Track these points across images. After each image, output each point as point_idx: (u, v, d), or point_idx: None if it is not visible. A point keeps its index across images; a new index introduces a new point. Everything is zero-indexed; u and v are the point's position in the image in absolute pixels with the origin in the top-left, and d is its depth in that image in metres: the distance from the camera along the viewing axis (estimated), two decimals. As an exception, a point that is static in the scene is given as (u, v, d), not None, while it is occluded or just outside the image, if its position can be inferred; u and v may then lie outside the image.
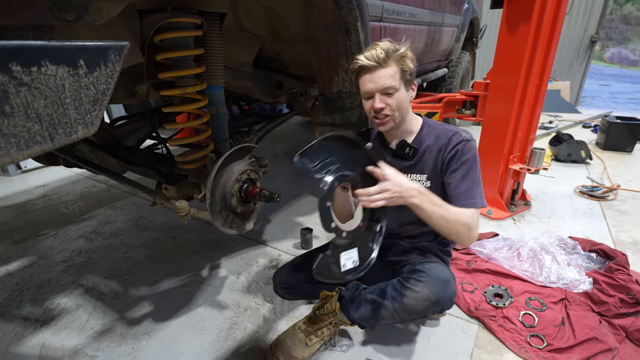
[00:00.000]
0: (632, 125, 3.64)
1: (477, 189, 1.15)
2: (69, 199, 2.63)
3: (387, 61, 1.10)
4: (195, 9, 1.18)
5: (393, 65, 1.11)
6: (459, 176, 1.15)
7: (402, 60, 1.12)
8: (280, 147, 3.86)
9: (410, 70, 1.14)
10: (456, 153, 1.15)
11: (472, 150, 1.15)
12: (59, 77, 0.52)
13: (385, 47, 1.11)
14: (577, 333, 1.31)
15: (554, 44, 1.98)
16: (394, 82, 1.11)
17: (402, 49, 1.13)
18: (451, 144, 1.16)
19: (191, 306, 1.53)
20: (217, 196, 1.22)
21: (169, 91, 1.21)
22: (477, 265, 1.70)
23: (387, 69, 1.11)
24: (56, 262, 1.85)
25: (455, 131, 1.18)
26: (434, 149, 1.19)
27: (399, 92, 1.13)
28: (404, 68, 1.12)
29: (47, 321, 1.46)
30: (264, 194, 1.26)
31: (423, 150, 1.21)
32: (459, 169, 1.15)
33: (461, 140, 1.15)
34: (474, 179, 1.15)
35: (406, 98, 1.17)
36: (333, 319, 1.25)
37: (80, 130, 0.58)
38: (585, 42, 6.23)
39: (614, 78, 12.54)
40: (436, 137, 1.20)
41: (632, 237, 2.05)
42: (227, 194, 1.25)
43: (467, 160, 1.14)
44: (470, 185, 1.14)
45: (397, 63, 1.11)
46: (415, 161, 1.22)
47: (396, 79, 1.12)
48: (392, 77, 1.11)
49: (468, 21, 3.38)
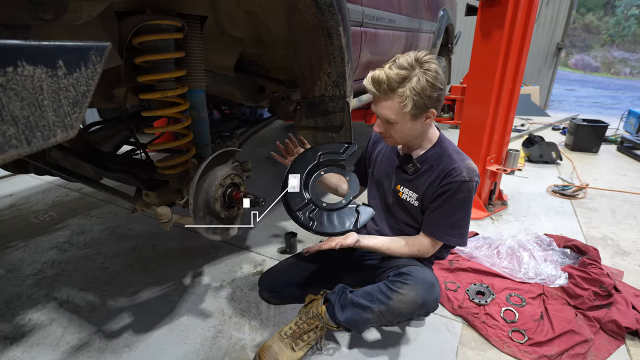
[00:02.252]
0: (597, 127, 3.85)
1: (454, 229, 1.15)
2: (40, 209, 2.50)
3: (388, 94, 1.01)
4: (175, 11, 1.16)
5: (395, 99, 1.01)
6: (441, 212, 1.16)
7: (412, 94, 0.98)
8: (262, 152, 3.84)
9: (423, 104, 1.01)
10: (447, 190, 1.12)
11: (465, 192, 1.11)
12: (37, 78, 0.49)
13: (392, 77, 0.98)
14: (555, 326, 1.36)
15: (526, 49, 2.08)
16: (393, 116, 1.04)
17: (415, 81, 0.97)
18: (446, 179, 1.12)
19: (173, 316, 1.48)
20: (200, 201, 1.20)
21: (148, 95, 1.18)
22: (459, 264, 1.74)
23: (388, 101, 1.03)
24: (26, 275, 1.75)
25: (458, 166, 1.12)
26: (432, 175, 1.16)
27: (399, 125, 1.07)
28: (413, 105, 1.00)
29: (17, 338, 1.38)
30: (249, 197, 1.25)
31: (424, 170, 1.19)
32: (442, 207, 1.15)
33: (457, 180, 1.10)
34: (456, 219, 1.14)
35: (411, 127, 1.09)
36: (319, 322, 1.24)
37: (59, 134, 0.55)
38: (552, 49, 6.57)
39: (578, 83, 13.25)
40: (440, 163, 1.16)
41: (601, 232, 2.16)
42: (210, 199, 1.23)
43: (456, 200, 1.12)
44: (449, 222, 1.15)
45: (401, 97, 1.00)
46: (414, 178, 1.22)
47: (397, 113, 1.03)
48: (392, 111, 1.04)
49: (444, 28, 3.48)
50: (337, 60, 1.42)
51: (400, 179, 1.27)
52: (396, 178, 1.28)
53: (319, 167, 1.30)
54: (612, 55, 20.65)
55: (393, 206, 1.31)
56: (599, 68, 19.67)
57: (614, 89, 11.82)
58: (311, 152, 1.31)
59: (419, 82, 0.99)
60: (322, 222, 1.21)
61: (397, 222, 1.31)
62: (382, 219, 1.37)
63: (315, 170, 1.30)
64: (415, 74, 1.00)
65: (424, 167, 1.20)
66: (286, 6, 1.34)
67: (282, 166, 1.38)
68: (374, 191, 1.41)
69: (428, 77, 1.00)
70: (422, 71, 1.00)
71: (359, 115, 2.50)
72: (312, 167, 1.28)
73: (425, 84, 0.99)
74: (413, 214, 1.25)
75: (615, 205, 2.55)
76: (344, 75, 1.45)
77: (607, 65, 19.88)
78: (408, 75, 0.99)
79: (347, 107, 1.55)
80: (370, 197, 1.45)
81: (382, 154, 1.38)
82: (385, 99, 1.04)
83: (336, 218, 1.22)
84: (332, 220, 1.22)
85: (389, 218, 1.34)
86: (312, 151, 1.31)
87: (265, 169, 3.32)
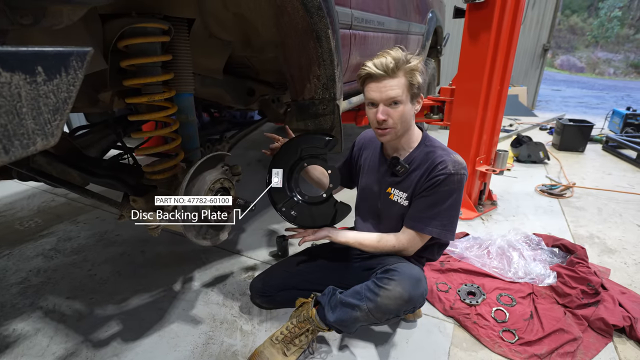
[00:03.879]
0: (583, 127, 3.92)
1: (436, 220, 1.16)
2: (24, 215, 2.44)
3: (396, 72, 1.09)
4: (161, 14, 1.14)
5: (401, 77, 1.10)
6: (424, 203, 1.17)
7: (412, 73, 1.10)
8: (253, 154, 3.81)
9: (419, 84, 1.12)
10: (434, 184, 1.14)
11: (451, 185, 1.13)
12: (14, 85, 0.48)
13: (396, 57, 1.09)
14: (544, 325, 1.38)
15: (513, 51, 2.10)
16: (401, 94, 1.10)
17: (413, 61, 1.10)
18: (433, 173, 1.15)
19: (163, 323, 1.46)
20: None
21: (135, 99, 1.16)
22: (450, 265, 1.75)
23: (395, 80, 1.10)
24: (10, 284, 1.71)
25: (443, 160, 1.15)
26: (419, 172, 1.19)
27: (404, 105, 1.12)
28: (413, 81, 1.10)
29: (1, 349, 1.34)
30: (239, 202, 1.24)
31: (412, 169, 1.21)
32: (428, 197, 1.16)
33: (444, 173, 1.13)
34: (439, 210, 1.15)
35: (410, 111, 1.15)
36: (310, 325, 1.24)
37: (39, 142, 0.54)
38: (539, 50, 6.68)
39: (564, 83, 13.51)
40: (426, 160, 1.19)
41: (588, 231, 2.20)
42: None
43: (441, 192, 1.14)
44: (430, 213, 1.16)
45: (407, 75, 1.10)
46: (402, 179, 1.24)
47: (403, 91, 1.10)
48: (399, 89, 1.10)
49: (432, 30, 3.51)
50: (327, 62, 1.42)
51: (391, 182, 1.28)
52: (386, 182, 1.29)
53: (301, 160, 1.32)
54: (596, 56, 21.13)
55: (383, 211, 1.31)
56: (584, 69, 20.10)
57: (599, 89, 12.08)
58: (293, 146, 1.33)
59: (417, 63, 1.11)
60: (302, 215, 1.29)
61: (387, 227, 1.31)
62: (372, 226, 1.37)
63: (297, 164, 1.32)
64: (408, 57, 1.12)
65: (412, 167, 1.21)
66: (275, 9, 1.34)
67: (273, 169, 1.37)
68: (363, 199, 1.42)
69: (419, 62, 1.13)
70: (411, 56, 1.13)
71: (349, 117, 2.50)
72: (294, 162, 1.31)
73: (420, 66, 1.12)
74: (403, 215, 1.26)
75: (602, 204, 2.60)
76: (334, 78, 1.45)
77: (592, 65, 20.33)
78: (406, 58, 1.11)
79: (337, 110, 1.55)
80: (359, 204, 1.45)
81: (369, 161, 1.38)
82: (392, 77, 1.10)
83: (315, 212, 1.29)
84: (312, 213, 1.29)
85: (379, 225, 1.34)
86: (294, 144, 1.33)
87: (257, 171, 3.30)
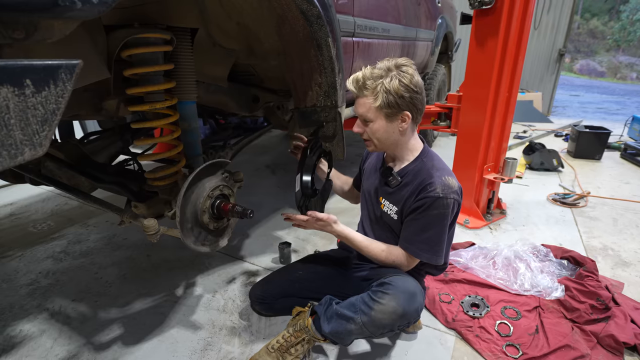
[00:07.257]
0: (600, 134, 3.80)
1: (425, 245, 1.15)
2: (38, 218, 2.52)
3: (363, 91, 1.08)
4: (164, 24, 1.17)
5: (369, 97, 1.08)
6: (416, 226, 1.16)
7: (383, 94, 1.05)
8: (262, 160, 3.84)
9: (395, 103, 1.06)
10: (422, 205, 1.12)
11: (439, 209, 1.10)
12: (2, 97, 0.49)
13: (367, 75, 1.06)
14: (550, 341, 1.33)
15: (521, 57, 2.06)
16: (368, 114, 1.10)
17: (387, 80, 1.04)
18: (422, 194, 1.12)
19: (163, 328, 1.47)
20: (187, 213, 1.20)
21: (137, 107, 1.19)
22: (454, 275, 1.72)
23: (363, 98, 1.09)
24: (20, 285, 1.76)
25: (433, 182, 1.11)
26: (410, 188, 1.17)
27: (374, 123, 1.11)
28: (384, 101, 1.06)
29: (7, 349, 1.37)
30: (237, 209, 1.24)
31: (404, 184, 1.19)
32: (417, 221, 1.15)
33: (431, 196, 1.10)
34: (428, 236, 1.14)
35: (388, 128, 1.12)
36: (306, 335, 1.22)
37: (27, 152, 0.55)
38: (554, 55, 6.53)
39: (583, 88, 13.14)
40: (418, 177, 1.16)
41: (602, 242, 2.12)
42: (198, 210, 1.22)
43: (431, 216, 1.12)
44: (421, 238, 1.15)
45: (375, 95, 1.06)
46: (394, 191, 1.22)
47: (371, 111, 1.09)
48: (365, 107, 1.10)
49: (442, 36, 3.49)
50: (328, 70, 1.42)
51: (383, 191, 1.27)
52: (380, 190, 1.28)
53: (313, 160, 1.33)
54: (617, 60, 20.50)
55: (379, 218, 1.30)
56: (605, 73, 19.52)
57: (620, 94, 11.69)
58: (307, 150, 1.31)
59: (392, 82, 1.04)
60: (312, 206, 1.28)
61: (383, 233, 1.30)
62: (371, 230, 1.36)
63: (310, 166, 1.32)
64: (390, 75, 1.06)
65: (404, 181, 1.19)
66: (276, 18, 1.35)
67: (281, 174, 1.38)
68: (363, 202, 1.41)
69: (402, 79, 1.05)
70: (398, 72, 1.06)
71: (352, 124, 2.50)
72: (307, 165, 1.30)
73: (398, 84, 1.04)
74: (393, 227, 1.24)
75: (617, 214, 2.51)
76: (335, 86, 1.46)
77: (613, 70, 19.73)
78: (383, 75, 1.06)
79: (339, 117, 1.55)
80: (361, 208, 1.44)
81: (371, 165, 1.38)
82: (361, 96, 1.10)
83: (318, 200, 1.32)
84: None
85: (377, 229, 1.33)
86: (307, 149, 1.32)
87: (265, 177, 3.32)
